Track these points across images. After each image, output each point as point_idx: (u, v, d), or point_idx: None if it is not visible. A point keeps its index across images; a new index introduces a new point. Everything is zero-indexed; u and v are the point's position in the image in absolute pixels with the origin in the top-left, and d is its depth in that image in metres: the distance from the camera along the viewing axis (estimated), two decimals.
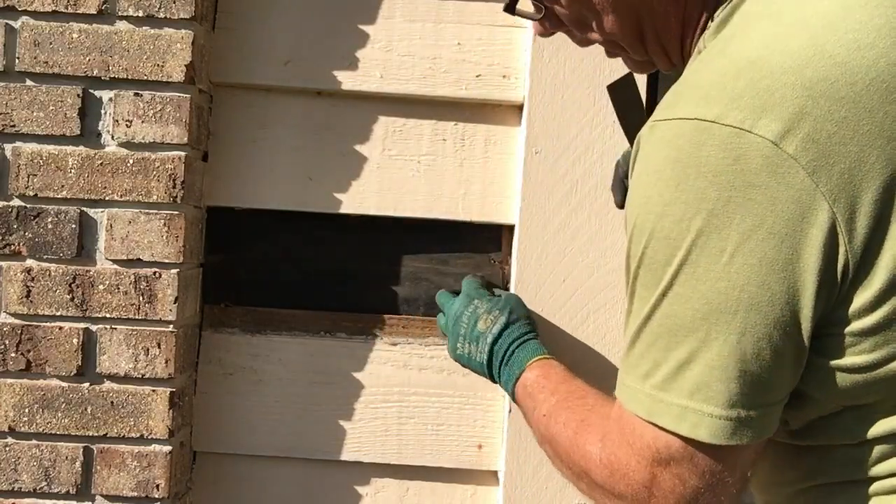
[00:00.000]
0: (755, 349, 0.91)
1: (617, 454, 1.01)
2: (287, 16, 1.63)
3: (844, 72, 0.89)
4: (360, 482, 1.66)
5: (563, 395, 1.26)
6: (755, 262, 0.89)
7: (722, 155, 0.89)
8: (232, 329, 1.65)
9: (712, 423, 0.93)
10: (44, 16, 1.48)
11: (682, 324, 0.93)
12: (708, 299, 0.91)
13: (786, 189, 0.88)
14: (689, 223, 0.91)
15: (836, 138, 0.88)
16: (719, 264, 0.90)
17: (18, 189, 1.48)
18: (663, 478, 0.97)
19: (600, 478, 1.05)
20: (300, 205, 1.64)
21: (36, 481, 1.48)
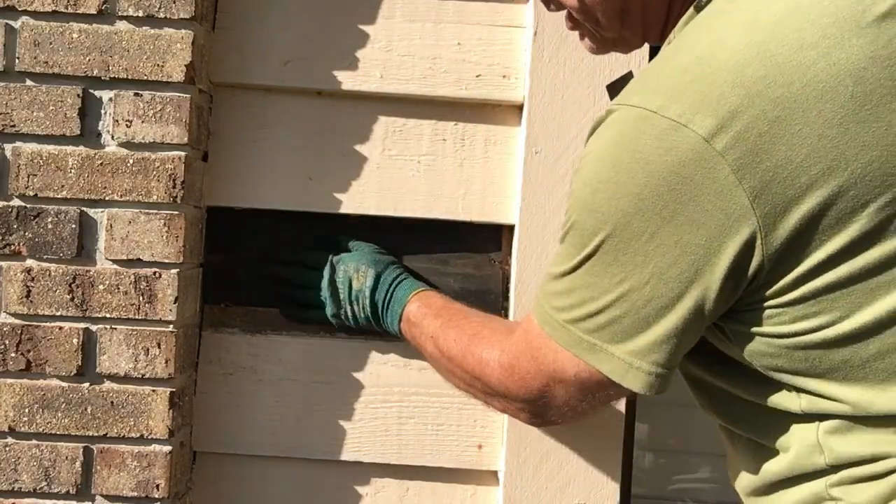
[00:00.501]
0: (657, 315, 1.02)
1: (520, 361, 1.20)
2: (287, 16, 1.63)
3: (782, 71, 0.93)
4: (360, 482, 1.66)
5: (446, 317, 1.44)
6: (671, 243, 0.97)
7: (657, 145, 0.96)
8: (232, 329, 1.65)
9: (613, 362, 1.06)
10: (44, 16, 1.48)
11: (599, 283, 1.04)
12: (624, 268, 1.01)
13: (710, 183, 0.94)
14: (618, 202, 0.99)
15: (766, 137, 0.93)
16: (639, 242, 0.99)
17: (18, 189, 1.48)
18: (555, 388, 1.16)
19: (496, 379, 1.26)
20: (300, 205, 1.64)
21: (36, 481, 1.48)
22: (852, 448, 1.01)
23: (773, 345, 1.02)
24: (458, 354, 1.36)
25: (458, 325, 1.41)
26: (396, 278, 1.55)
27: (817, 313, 0.98)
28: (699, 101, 0.95)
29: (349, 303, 1.56)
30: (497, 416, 1.63)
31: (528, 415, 1.27)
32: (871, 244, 0.95)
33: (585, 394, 1.14)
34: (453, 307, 1.49)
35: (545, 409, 1.21)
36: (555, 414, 1.22)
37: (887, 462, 0.99)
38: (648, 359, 1.05)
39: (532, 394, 1.20)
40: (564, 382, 1.14)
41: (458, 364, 1.37)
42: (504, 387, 1.25)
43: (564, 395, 1.16)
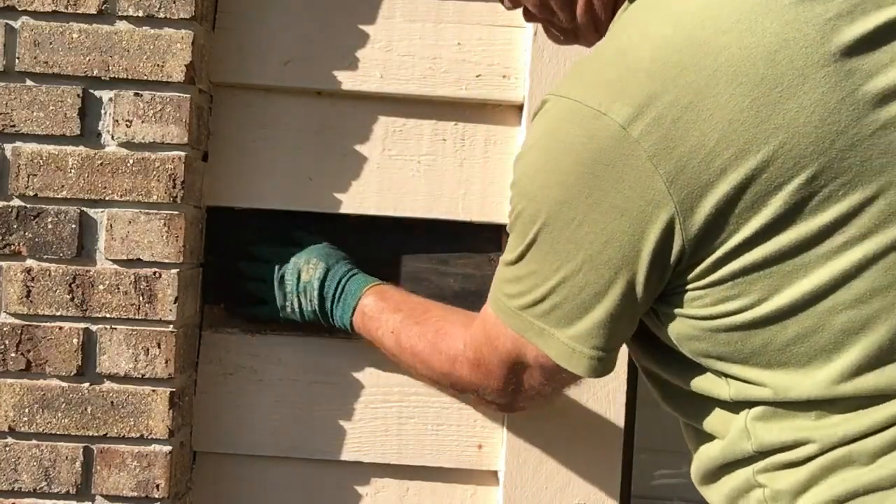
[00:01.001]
0: (594, 301, 1.05)
1: (482, 352, 1.23)
2: (287, 16, 1.63)
3: (695, 58, 0.96)
4: (360, 482, 1.66)
5: (407, 311, 1.47)
6: (598, 230, 1.01)
7: (580, 133, 0.99)
8: (232, 329, 1.65)
9: (558, 345, 1.10)
10: (44, 16, 1.48)
11: (540, 270, 1.07)
12: (559, 256, 1.05)
13: (629, 170, 0.97)
14: (549, 191, 1.03)
15: (679, 123, 0.95)
16: (570, 229, 1.02)
17: (18, 189, 1.48)
18: (521, 376, 1.20)
19: (465, 374, 1.30)
20: (300, 205, 1.64)
21: (36, 481, 1.48)
22: (774, 434, 1.03)
23: (697, 327, 1.04)
24: (424, 351, 1.41)
25: (421, 321, 1.44)
26: (348, 272, 1.56)
27: (737, 296, 0.99)
28: (618, 90, 0.97)
29: (296, 295, 1.56)
30: (497, 415, 1.63)
31: (500, 404, 1.33)
32: (787, 226, 0.96)
33: (547, 377, 1.18)
34: (412, 300, 1.51)
35: (515, 395, 1.25)
36: (523, 399, 1.27)
37: (807, 448, 1.00)
38: (588, 343, 1.08)
39: (500, 383, 1.23)
40: (527, 368, 1.18)
41: (424, 361, 1.41)
42: (473, 380, 1.29)
43: (529, 379, 1.20)
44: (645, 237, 0.99)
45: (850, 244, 0.96)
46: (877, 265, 0.97)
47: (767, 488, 1.04)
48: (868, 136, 0.96)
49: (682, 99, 0.95)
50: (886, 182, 0.96)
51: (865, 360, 0.98)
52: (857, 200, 0.96)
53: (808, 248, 0.97)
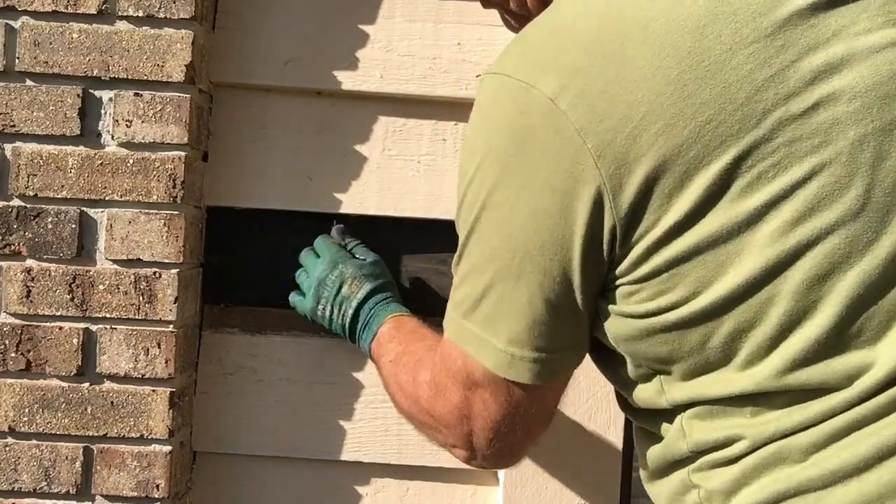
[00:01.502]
0: (529, 294, 0.98)
1: (439, 377, 1.12)
2: (287, 16, 1.63)
3: (623, 31, 0.92)
4: (360, 482, 1.66)
5: (408, 341, 1.36)
6: (530, 211, 0.95)
7: (511, 107, 0.96)
8: (232, 329, 1.65)
9: (496, 355, 1.01)
10: (44, 16, 1.48)
11: (479, 263, 1.01)
12: (495, 243, 0.99)
13: (559, 144, 0.92)
14: (487, 171, 0.98)
15: (605, 96, 0.91)
16: (503, 212, 0.97)
17: (18, 189, 1.48)
18: (472, 400, 1.07)
19: (427, 402, 1.16)
20: (300, 205, 1.64)
21: (36, 481, 1.48)
22: (709, 433, 0.98)
23: (634, 327, 0.99)
24: (408, 384, 1.27)
25: (411, 351, 1.32)
26: (385, 298, 1.50)
27: (671, 289, 0.94)
28: (546, 62, 0.94)
29: (331, 305, 1.50)
30: None
31: (460, 447, 1.15)
32: (715, 209, 0.91)
33: (501, 404, 1.05)
34: (419, 332, 1.40)
35: (471, 433, 1.11)
36: (483, 441, 1.10)
37: (738, 445, 0.96)
38: (530, 345, 1.00)
39: (453, 412, 1.10)
40: (478, 388, 1.06)
41: (409, 394, 1.26)
42: (432, 409, 1.16)
43: (483, 408, 1.07)
44: (576, 215, 0.94)
45: (783, 230, 0.91)
46: (812, 252, 0.91)
47: (702, 489, 1.00)
48: (798, 116, 0.90)
49: (608, 70, 0.91)
50: (819, 163, 0.91)
51: (803, 354, 0.93)
52: (787, 183, 0.91)
53: (739, 233, 0.91)
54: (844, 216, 0.91)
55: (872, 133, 0.91)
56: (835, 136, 0.91)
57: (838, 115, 0.91)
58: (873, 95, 0.91)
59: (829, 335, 0.92)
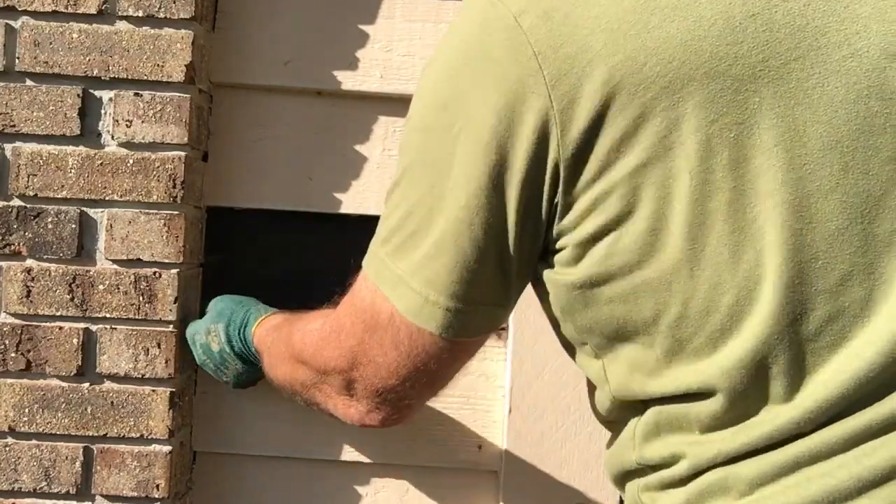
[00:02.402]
0: (457, 232, 0.89)
1: (339, 319, 1.04)
2: (287, 16, 1.63)
3: None
4: (360, 482, 1.66)
5: (281, 326, 1.28)
6: (473, 140, 0.87)
7: (475, 20, 0.88)
8: None
9: (410, 297, 0.93)
10: (44, 16, 1.48)
11: (409, 192, 0.92)
12: (430, 172, 0.90)
13: (515, 66, 0.84)
14: (435, 89, 0.91)
15: (568, 20, 0.82)
16: (448, 137, 0.89)
17: (18, 189, 1.48)
18: (370, 344, 0.98)
19: (311, 353, 1.08)
20: (300, 205, 1.64)
21: (36, 481, 1.48)
22: (655, 446, 0.90)
23: (580, 294, 0.88)
24: (280, 349, 1.18)
25: (286, 325, 1.24)
26: (242, 321, 1.43)
27: (617, 253, 0.84)
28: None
29: (223, 368, 1.47)
30: (497, 416, 1.63)
31: (343, 397, 1.06)
32: (671, 158, 0.80)
33: (401, 352, 0.96)
34: (293, 314, 1.30)
35: (356, 381, 1.03)
36: (369, 390, 1.01)
37: (680, 466, 0.87)
38: (448, 291, 0.91)
39: (344, 355, 1.02)
40: (378, 331, 0.97)
41: (281, 360, 1.18)
42: (317, 357, 1.07)
43: (379, 352, 0.97)
44: (518, 147, 0.85)
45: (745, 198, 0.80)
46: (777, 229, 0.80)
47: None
48: (778, 67, 0.79)
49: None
50: (789, 127, 0.79)
51: (748, 349, 0.82)
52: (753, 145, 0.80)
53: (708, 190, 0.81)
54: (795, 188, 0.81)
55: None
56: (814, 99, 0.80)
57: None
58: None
59: (769, 329, 0.82)
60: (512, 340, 1.60)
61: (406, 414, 1.07)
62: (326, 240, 1.66)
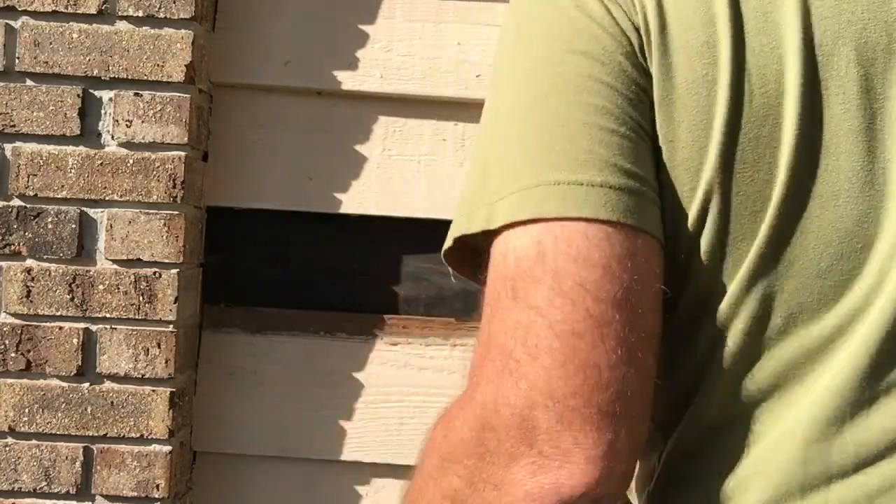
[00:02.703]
0: (584, 111, 0.69)
1: (479, 339, 0.75)
2: (287, 16, 1.63)
3: None
4: (360, 482, 1.65)
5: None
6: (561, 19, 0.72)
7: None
8: (232, 329, 1.65)
9: (562, 191, 0.68)
10: (44, 16, 1.48)
11: (513, 104, 0.73)
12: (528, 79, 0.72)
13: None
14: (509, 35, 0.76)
15: None
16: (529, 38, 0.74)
17: (18, 189, 1.48)
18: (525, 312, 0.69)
19: (454, 409, 0.78)
20: (300, 205, 1.64)
21: (36, 481, 1.48)
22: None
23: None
24: (420, 477, 0.84)
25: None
26: None
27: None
28: None
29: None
30: None
31: (531, 462, 0.67)
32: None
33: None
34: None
35: (546, 407, 0.65)
36: (568, 422, 0.65)
37: None
38: (602, 173, 0.68)
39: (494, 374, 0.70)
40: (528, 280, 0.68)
41: (420, 486, 0.84)
42: (470, 425, 0.74)
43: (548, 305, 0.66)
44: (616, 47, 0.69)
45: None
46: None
47: None
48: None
49: None
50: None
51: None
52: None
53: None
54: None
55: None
56: None
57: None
58: None
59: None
60: None
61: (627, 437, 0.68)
62: (326, 240, 1.66)
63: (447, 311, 1.66)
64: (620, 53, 0.70)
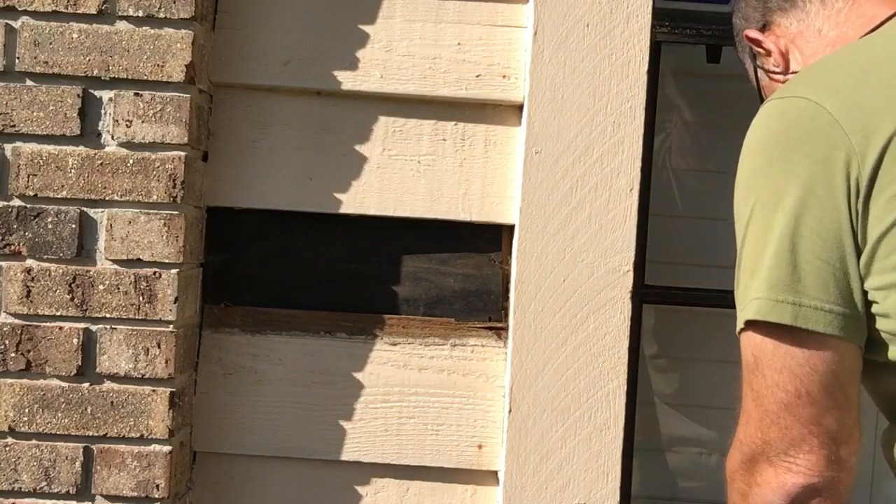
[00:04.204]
0: (810, 247, 1.04)
1: (745, 399, 1.07)
2: (287, 16, 1.63)
3: (855, 62, 1.12)
4: (360, 482, 1.66)
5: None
6: (799, 182, 1.05)
7: (776, 113, 1.10)
8: (232, 329, 1.65)
9: (804, 311, 1.04)
10: (44, 16, 1.48)
11: (758, 237, 1.06)
12: (769, 216, 1.06)
13: (817, 126, 1.05)
14: (757, 160, 1.09)
15: (850, 95, 1.07)
16: (774, 190, 1.06)
17: (18, 189, 1.48)
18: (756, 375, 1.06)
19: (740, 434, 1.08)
20: (300, 205, 1.64)
21: (36, 481, 1.48)
22: None
23: None
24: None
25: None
26: None
27: None
28: (803, 81, 1.12)
29: None
30: (497, 415, 1.63)
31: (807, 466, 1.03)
32: None
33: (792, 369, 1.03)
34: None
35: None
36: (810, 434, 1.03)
37: None
38: (825, 298, 1.03)
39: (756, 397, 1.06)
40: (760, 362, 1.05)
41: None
42: (749, 438, 1.06)
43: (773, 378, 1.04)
44: (835, 171, 1.03)
45: None
46: None
47: None
48: None
49: (850, 82, 1.08)
50: None
51: None
52: None
53: None
54: None
55: None
56: None
57: None
58: None
59: None
60: (512, 340, 1.60)
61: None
62: (326, 240, 1.66)
63: (447, 311, 1.66)
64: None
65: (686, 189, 2.61)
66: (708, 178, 2.58)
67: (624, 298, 1.58)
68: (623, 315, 1.58)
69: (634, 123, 1.59)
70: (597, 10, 1.58)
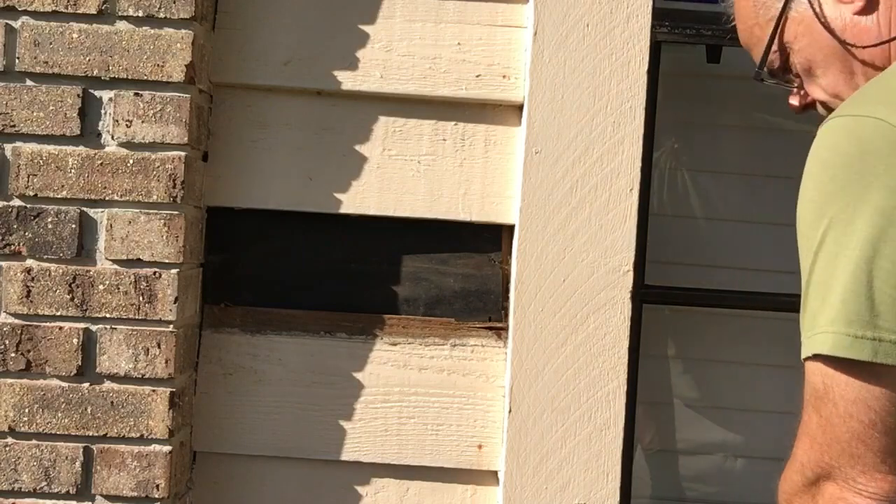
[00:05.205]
0: (881, 279, 1.02)
1: (809, 425, 1.07)
2: (287, 16, 1.63)
3: None
4: (360, 482, 1.66)
5: None
6: (871, 209, 1.02)
7: (844, 134, 1.06)
8: (232, 329, 1.65)
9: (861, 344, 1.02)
10: (44, 16, 1.48)
11: (828, 272, 1.04)
12: (841, 247, 1.04)
13: (892, 149, 1.03)
14: (827, 186, 1.06)
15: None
16: (849, 214, 1.03)
17: (18, 189, 1.48)
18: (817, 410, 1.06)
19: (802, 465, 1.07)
20: (300, 205, 1.64)
21: (36, 481, 1.48)
22: None
23: None
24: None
25: None
26: None
27: None
28: (875, 99, 1.08)
29: None
30: (497, 415, 1.63)
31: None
32: None
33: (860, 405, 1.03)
34: None
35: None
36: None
37: None
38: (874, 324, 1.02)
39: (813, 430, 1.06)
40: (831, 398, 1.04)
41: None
42: (807, 459, 1.07)
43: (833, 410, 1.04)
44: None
45: None
46: None
47: None
48: None
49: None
50: None
51: None
52: None
53: None
54: None
55: None
56: None
57: None
58: None
59: None
60: (512, 340, 1.60)
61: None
62: (326, 240, 1.66)
63: (447, 311, 1.66)
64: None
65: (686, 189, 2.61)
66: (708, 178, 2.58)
67: (624, 298, 1.58)
68: (623, 315, 1.59)
69: (634, 123, 1.59)
70: (597, 10, 1.59)
